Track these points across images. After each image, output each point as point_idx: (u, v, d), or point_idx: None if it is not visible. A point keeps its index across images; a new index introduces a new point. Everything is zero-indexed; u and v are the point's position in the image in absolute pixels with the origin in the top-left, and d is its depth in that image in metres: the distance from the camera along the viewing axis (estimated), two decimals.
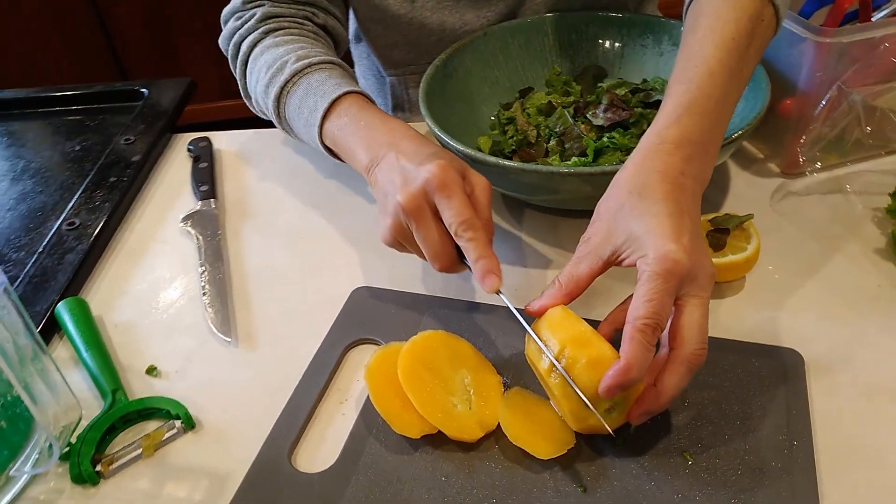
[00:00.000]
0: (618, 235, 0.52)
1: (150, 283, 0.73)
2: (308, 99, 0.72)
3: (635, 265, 0.50)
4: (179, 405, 0.58)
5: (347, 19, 0.92)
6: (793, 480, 0.50)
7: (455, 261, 0.59)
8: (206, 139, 0.91)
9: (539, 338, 0.52)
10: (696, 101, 0.55)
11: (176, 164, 0.90)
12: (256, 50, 0.79)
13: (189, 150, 0.90)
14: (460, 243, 0.57)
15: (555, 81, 0.86)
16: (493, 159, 0.65)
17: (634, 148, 0.73)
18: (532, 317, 0.55)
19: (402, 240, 0.60)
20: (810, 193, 0.75)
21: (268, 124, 0.83)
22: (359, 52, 1.05)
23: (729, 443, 0.53)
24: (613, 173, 0.57)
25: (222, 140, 0.93)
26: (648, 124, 0.74)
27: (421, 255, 0.60)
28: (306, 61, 0.74)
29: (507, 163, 0.65)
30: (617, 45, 0.86)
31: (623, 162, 0.71)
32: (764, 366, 0.58)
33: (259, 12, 0.81)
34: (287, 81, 0.73)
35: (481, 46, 0.84)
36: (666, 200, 0.50)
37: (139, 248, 0.78)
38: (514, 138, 0.77)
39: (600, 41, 0.87)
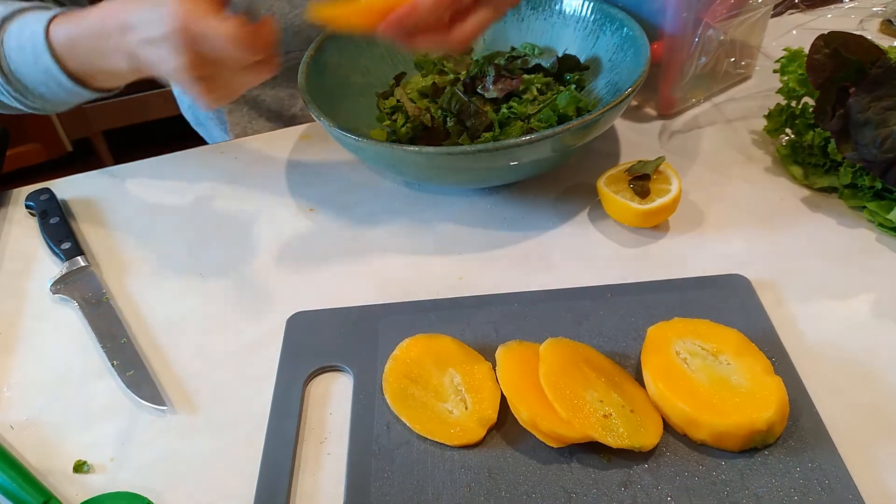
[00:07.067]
0: None
1: (39, 369, 0.62)
2: (25, 30, 0.65)
3: None
4: (140, 497, 0.49)
5: None
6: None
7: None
8: (47, 190, 0.78)
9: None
10: None
11: (16, 227, 0.76)
12: None
13: (28, 206, 0.77)
14: None
15: (424, 63, 0.83)
16: (446, 149, 0.62)
17: (534, 115, 0.73)
18: None
19: (201, 64, 0.54)
20: (691, 129, 0.79)
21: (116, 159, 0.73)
22: None
23: None
24: (555, 135, 0.57)
25: (66, 188, 0.80)
26: (538, 90, 0.75)
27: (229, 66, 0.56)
28: (16, 6, 0.67)
29: (463, 148, 0.61)
30: None
31: (529, 130, 0.71)
32: (718, 295, 0.60)
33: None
34: None
35: (344, 35, 0.79)
36: None
37: (7, 331, 0.65)
38: (408, 125, 0.74)
39: None
